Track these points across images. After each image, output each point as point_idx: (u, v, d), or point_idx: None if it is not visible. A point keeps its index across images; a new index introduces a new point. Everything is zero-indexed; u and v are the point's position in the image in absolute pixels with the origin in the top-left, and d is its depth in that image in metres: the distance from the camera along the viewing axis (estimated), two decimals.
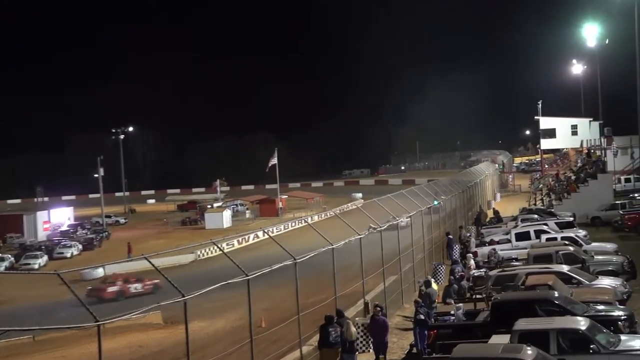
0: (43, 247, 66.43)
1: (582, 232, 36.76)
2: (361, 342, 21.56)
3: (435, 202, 37.52)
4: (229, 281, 17.26)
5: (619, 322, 18.77)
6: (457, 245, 37.10)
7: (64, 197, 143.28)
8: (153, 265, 17.16)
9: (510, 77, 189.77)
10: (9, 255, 61.77)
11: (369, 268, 25.85)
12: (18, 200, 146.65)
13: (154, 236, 76.51)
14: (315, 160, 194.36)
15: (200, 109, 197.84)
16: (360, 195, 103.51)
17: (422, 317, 21.18)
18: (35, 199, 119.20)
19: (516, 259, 31.02)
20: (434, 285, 26.16)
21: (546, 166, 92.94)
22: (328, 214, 70.23)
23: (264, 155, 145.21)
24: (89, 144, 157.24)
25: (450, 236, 37.30)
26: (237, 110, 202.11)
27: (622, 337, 17.29)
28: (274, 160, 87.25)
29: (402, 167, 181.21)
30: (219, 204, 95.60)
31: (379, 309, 21.17)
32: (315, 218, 72.75)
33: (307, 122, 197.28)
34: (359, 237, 24.45)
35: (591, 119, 76.06)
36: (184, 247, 43.36)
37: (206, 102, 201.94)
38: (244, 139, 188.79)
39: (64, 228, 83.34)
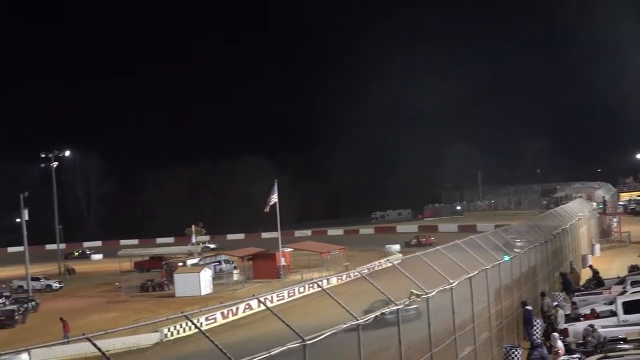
0: None
1: None
2: None
3: (506, 258, 37.37)
4: None
5: None
6: (538, 321, 36.88)
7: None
8: (99, 349, 17.01)
9: (611, 74, 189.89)
10: None
11: (412, 353, 25.68)
12: None
13: (100, 307, 76.43)
14: (330, 196, 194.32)
15: (164, 126, 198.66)
16: (397, 247, 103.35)
17: None
18: None
19: (625, 340, 30.81)
20: None
21: None
22: (351, 274, 69.88)
23: (257, 189, 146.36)
24: (4, 176, 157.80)
25: (529, 307, 37.11)
26: (216, 126, 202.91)
27: None
28: (274, 198, 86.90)
29: (458, 207, 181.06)
30: (195, 260, 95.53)
31: None
32: (333, 281, 72.60)
33: (314, 141, 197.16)
34: (396, 308, 24.36)
35: None
36: (144, 322, 43.06)
37: (172, 115, 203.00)
38: (225, 166, 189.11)
39: None
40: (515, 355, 32.26)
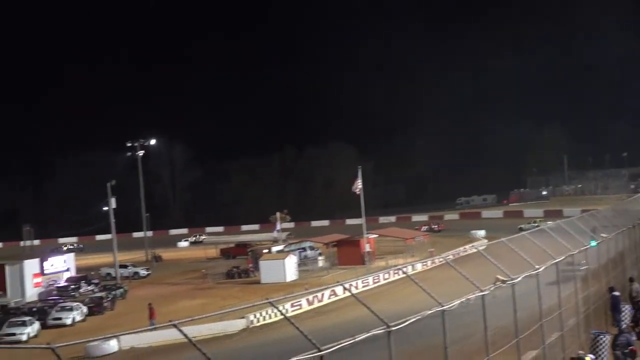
0: (34, 309, 67.75)
1: None
2: None
3: (593, 243, 36.94)
4: None
5: None
6: (626, 306, 36.39)
7: (61, 240, 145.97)
8: (185, 335, 17.01)
9: None
10: None
11: (498, 339, 25.51)
12: None
13: (187, 294, 77.33)
14: (414, 182, 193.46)
15: (248, 114, 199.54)
16: (482, 233, 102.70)
17: None
18: (21, 243, 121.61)
19: None
20: None
21: None
22: (436, 260, 69.85)
23: (341, 176, 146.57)
24: (92, 165, 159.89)
25: (616, 293, 36.61)
26: (302, 112, 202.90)
27: None
28: (359, 184, 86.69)
29: (544, 192, 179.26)
30: (280, 247, 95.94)
31: None
32: (418, 267, 72.46)
33: (398, 127, 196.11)
34: (481, 294, 24.22)
35: None
36: (230, 309, 43.40)
37: (255, 105, 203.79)
38: (310, 154, 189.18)
39: (62, 283, 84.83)
40: (603, 342, 31.86)
